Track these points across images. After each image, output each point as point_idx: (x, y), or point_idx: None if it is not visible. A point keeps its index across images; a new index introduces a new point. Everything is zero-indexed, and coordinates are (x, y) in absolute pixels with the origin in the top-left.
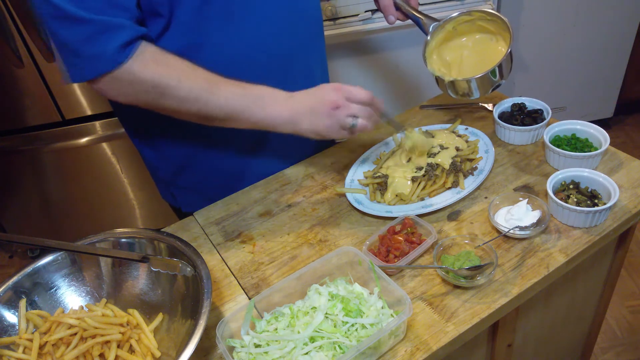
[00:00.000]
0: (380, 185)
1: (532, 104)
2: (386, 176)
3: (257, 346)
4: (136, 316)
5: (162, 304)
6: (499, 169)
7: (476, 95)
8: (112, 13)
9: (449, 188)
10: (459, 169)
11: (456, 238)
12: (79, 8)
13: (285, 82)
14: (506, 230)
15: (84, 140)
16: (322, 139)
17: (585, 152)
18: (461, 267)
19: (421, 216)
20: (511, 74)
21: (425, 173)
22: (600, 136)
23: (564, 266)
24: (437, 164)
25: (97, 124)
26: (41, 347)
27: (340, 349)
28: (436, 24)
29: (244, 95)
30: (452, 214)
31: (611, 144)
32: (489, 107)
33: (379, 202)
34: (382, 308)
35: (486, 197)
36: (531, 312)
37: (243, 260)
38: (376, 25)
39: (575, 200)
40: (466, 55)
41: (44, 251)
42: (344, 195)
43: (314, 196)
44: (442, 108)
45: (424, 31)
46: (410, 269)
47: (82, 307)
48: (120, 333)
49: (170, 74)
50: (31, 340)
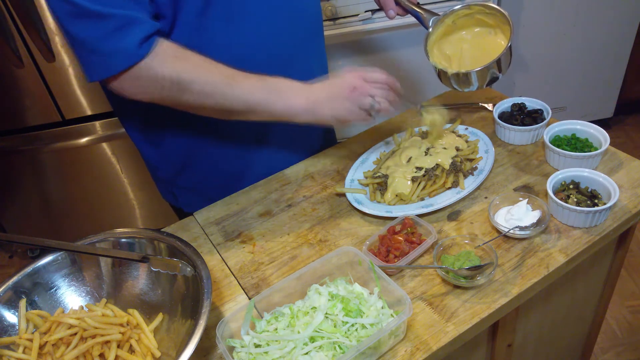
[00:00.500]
0: (380, 185)
1: (532, 104)
2: (386, 176)
3: (257, 346)
4: (136, 316)
5: (162, 304)
6: (499, 169)
7: (475, 86)
8: (129, 7)
9: (449, 188)
10: (459, 169)
11: (456, 238)
12: (96, 3)
13: None
14: (506, 230)
15: (84, 140)
16: (344, 125)
17: (585, 152)
18: (461, 267)
19: (421, 216)
20: (511, 74)
21: (425, 173)
22: (600, 136)
23: (564, 266)
24: (437, 164)
25: (97, 124)
26: (41, 347)
27: (340, 349)
28: (436, 17)
29: (262, 88)
30: (452, 214)
31: (611, 144)
32: (489, 107)
33: (379, 202)
34: (382, 308)
35: (486, 197)
36: (531, 312)
37: (243, 260)
38: (376, 25)
39: (575, 200)
40: (466, 49)
41: (44, 251)
42: (344, 195)
43: (314, 196)
44: (442, 108)
45: (425, 25)
46: (410, 269)
47: (82, 307)
48: (120, 333)
49: (189, 69)
50: (31, 340)
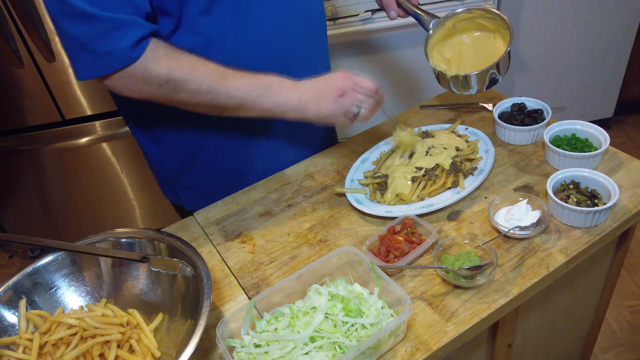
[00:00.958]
0: (380, 185)
1: (532, 104)
2: (386, 176)
3: (257, 346)
4: (136, 316)
5: (162, 304)
6: (499, 169)
7: (475, 90)
8: (124, 10)
9: (449, 188)
10: (459, 169)
11: (456, 238)
12: (91, 5)
13: None
14: (506, 230)
15: (84, 140)
16: (326, 124)
17: (585, 152)
18: (461, 267)
19: (421, 216)
20: (511, 74)
21: (425, 173)
22: (600, 136)
23: (564, 266)
24: (437, 164)
25: (97, 124)
26: (41, 347)
27: (340, 349)
28: (436, 20)
29: (253, 85)
30: (452, 214)
31: (611, 144)
32: (489, 107)
33: (379, 202)
34: (382, 308)
35: (486, 197)
36: (531, 312)
37: (243, 260)
38: (376, 25)
39: (575, 200)
40: (465, 52)
41: (44, 251)
42: (344, 195)
43: (314, 196)
44: (442, 108)
45: (425, 27)
46: (410, 269)
47: (82, 307)
48: (120, 333)
49: (181, 68)
50: (31, 340)
